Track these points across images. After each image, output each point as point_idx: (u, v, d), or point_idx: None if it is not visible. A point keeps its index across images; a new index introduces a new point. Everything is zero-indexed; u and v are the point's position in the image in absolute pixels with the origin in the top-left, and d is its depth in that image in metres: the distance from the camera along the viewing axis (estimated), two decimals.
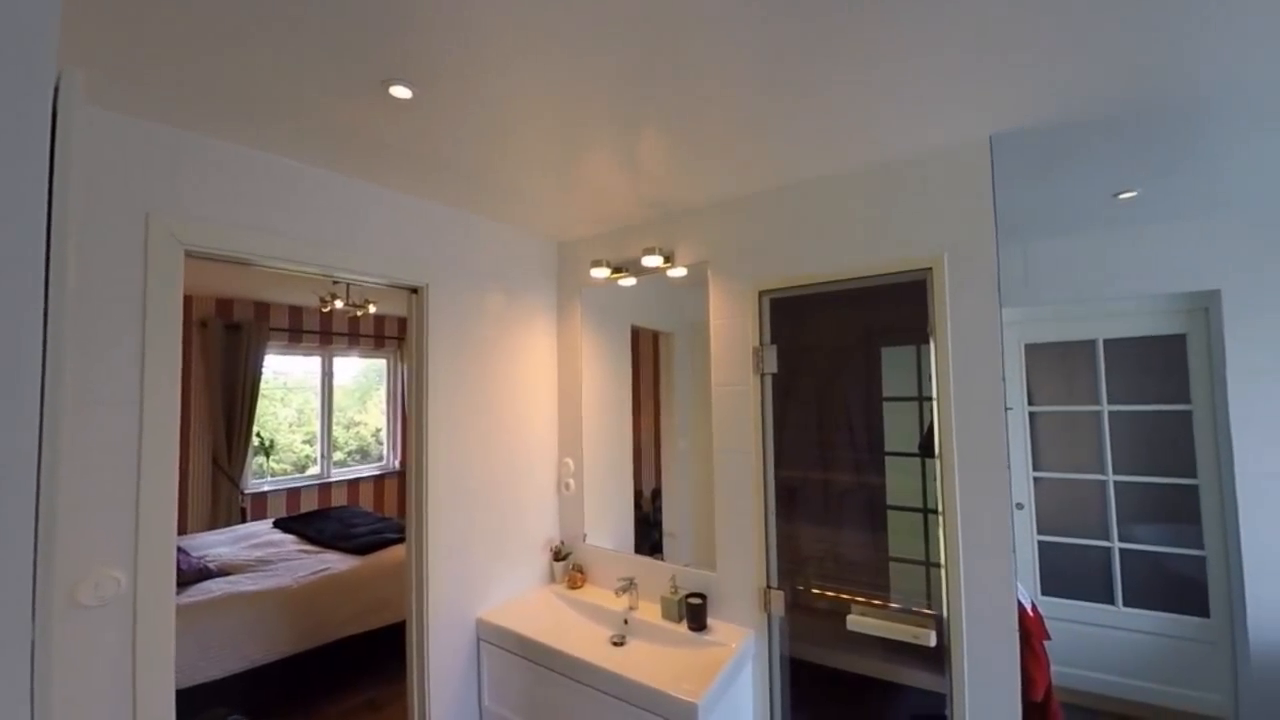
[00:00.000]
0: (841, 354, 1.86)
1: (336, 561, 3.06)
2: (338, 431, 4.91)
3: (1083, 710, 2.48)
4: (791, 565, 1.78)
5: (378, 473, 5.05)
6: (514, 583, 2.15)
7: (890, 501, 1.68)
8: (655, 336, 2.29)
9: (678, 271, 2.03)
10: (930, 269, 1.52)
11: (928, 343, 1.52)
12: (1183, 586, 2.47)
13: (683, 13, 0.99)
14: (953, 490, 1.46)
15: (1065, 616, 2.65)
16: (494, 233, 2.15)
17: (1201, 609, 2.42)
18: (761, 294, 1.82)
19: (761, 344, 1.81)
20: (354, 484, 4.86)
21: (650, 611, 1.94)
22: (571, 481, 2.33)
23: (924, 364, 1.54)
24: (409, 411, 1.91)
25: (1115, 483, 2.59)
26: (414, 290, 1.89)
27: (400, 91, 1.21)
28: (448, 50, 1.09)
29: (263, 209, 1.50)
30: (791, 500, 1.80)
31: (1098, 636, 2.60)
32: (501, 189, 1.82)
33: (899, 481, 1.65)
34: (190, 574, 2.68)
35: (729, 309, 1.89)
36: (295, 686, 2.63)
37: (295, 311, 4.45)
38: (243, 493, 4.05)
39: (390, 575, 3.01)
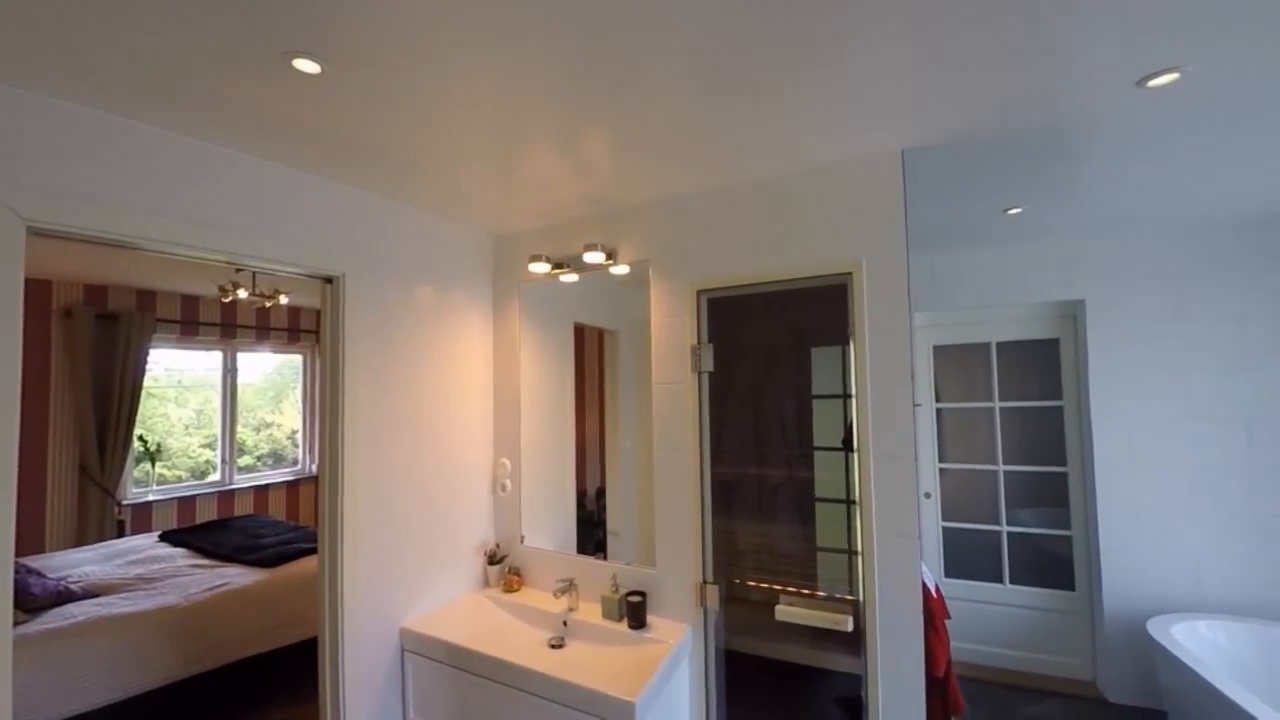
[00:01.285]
0: (775, 353, 1.95)
1: (238, 576, 2.79)
2: (245, 434, 4.46)
3: (975, 682, 2.75)
4: (727, 560, 1.84)
5: (292, 478, 4.64)
6: (444, 589, 2.06)
7: (819, 494, 1.78)
8: (600, 334, 2.28)
9: (620, 269, 2.03)
10: (851, 274, 1.62)
11: (849, 343, 1.63)
12: (1055, 564, 2.82)
13: (624, 10, 0.99)
14: (868, 481, 1.57)
15: (963, 596, 2.94)
16: (423, 223, 2.04)
17: (1069, 583, 2.77)
18: (699, 293, 1.87)
19: (699, 343, 1.85)
20: (262, 491, 4.43)
21: (591, 612, 1.93)
22: (508, 482, 2.27)
23: (847, 363, 1.64)
24: (323, 411, 1.77)
25: (1004, 472, 2.91)
26: (329, 280, 1.76)
27: (306, 65, 1.12)
28: (359, 24, 1.01)
29: (139, 186, 1.33)
30: (728, 496, 1.86)
31: (988, 613, 2.91)
32: (432, 178, 1.74)
33: (826, 475, 1.75)
34: (45, 598, 2.34)
35: (669, 308, 1.92)
36: (189, 713, 2.37)
37: (189, 301, 3.98)
38: (119, 504, 3.56)
39: (303, 588, 2.79)
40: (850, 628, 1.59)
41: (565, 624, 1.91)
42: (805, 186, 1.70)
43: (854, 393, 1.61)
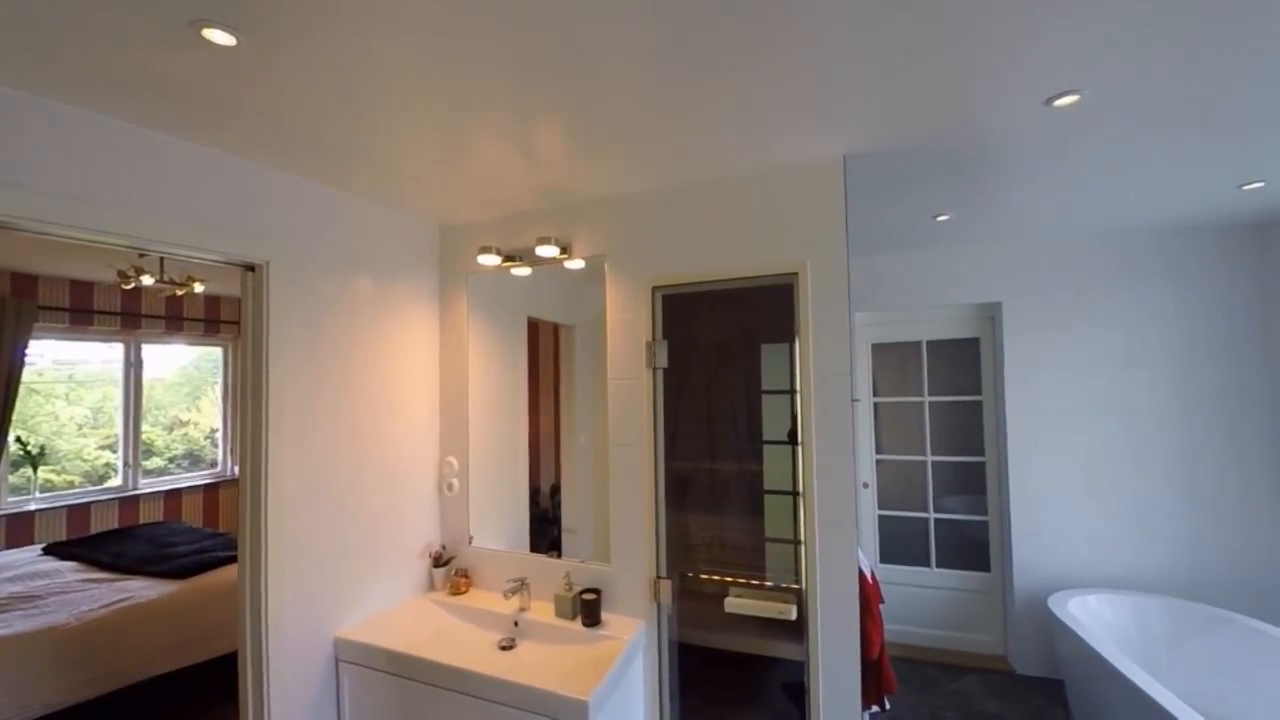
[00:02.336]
0: (727, 350, 1.99)
1: (144, 589, 2.54)
2: (155, 434, 4.04)
3: (905, 661, 2.94)
4: (681, 554, 1.87)
5: (210, 480, 4.25)
6: (384, 595, 1.96)
7: (768, 486, 1.84)
8: (555, 329, 2.24)
9: (575, 263, 2.00)
10: (796, 274, 1.68)
11: (795, 341, 1.69)
12: (974, 547, 3.07)
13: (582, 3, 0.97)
14: (811, 473, 1.64)
15: (896, 580, 3.14)
16: (361, 210, 1.92)
17: (985, 565, 3.03)
18: (655, 289, 1.87)
19: (654, 339, 1.86)
20: (174, 495, 4.03)
21: (544, 611, 1.90)
22: (455, 481, 2.19)
23: (793, 360, 1.70)
24: (243, 407, 1.64)
25: (932, 462, 3.13)
26: (250, 268, 1.63)
27: (218, 36, 1.03)
28: None
29: (10, 159, 1.17)
30: (682, 490, 1.89)
31: (917, 595, 3.13)
32: (370, 164, 1.64)
33: (775, 468, 1.81)
34: None
35: (624, 303, 1.91)
36: None
37: (81, 287, 3.55)
38: None
39: (223, 598, 2.58)
40: (794, 616, 1.66)
41: (516, 624, 1.87)
42: (756, 187, 1.74)
43: (798, 388, 1.66)
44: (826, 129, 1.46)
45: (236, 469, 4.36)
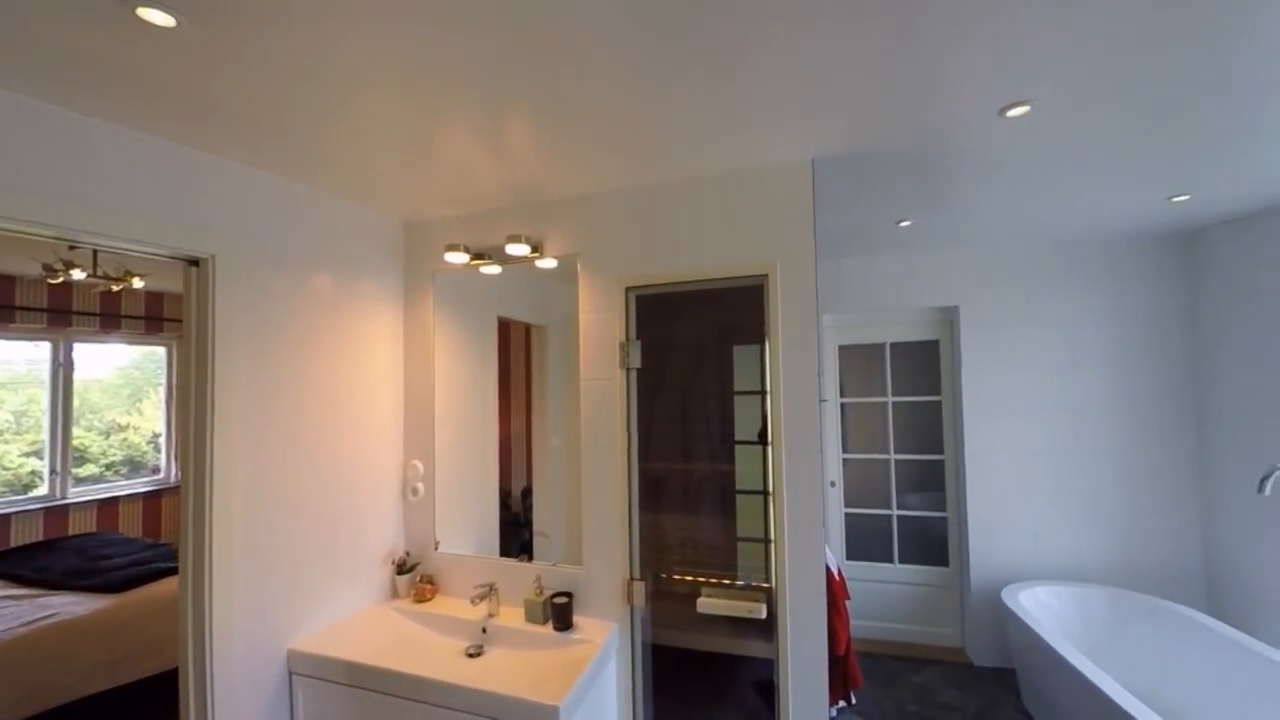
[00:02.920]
0: (701, 351, 2.00)
1: (71, 604, 2.37)
2: (90, 439, 3.75)
3: (869, 656, 3.01)
4: (654, 555, 1.86)
5: (152, 488, 3.98)
6: (343, 604, 1.88)
7: (740, 486, 1.85)
8: (527, 329, 2.20)
9: (547, 263, 1.97)
10: (767, 275, 1.70)
11: (765, 342, 1.71)
12: (934, 543, 3.18)
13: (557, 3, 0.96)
14: (780, 473, 1.66)
15: (861, 576, 3.23)
16: (318, 204, 1.84)
17: (944, 560, 3.14)
18: (628, 290, 1.86)
19: (627, 339, 1.85)
20: (110, 505, 3.75)
21: (513, 616, 1.86)
22: (420, 486, 2.11)
23: (764, 361, 1.73)
24: (185, 411, 1.54)
25: (895, 461, 3.24)
26: (194, 262, 1.54)
27: (155, 16, 0.96)
28: None
29: None
30: (655, 491, 1.88)
31: (881, 591, 3.21)
32: (329, 156, 1.58)
33: (746, 468, 1.83)
34: None
35: (597, 304, 1.89)
36: None
37: (2, 282, 3.26)
38: None
39: (163, 613, 2.44)
40: (764, 615, 1.67)
41: (484, 631, 1.82)
42: (728, 188, 1.75)
43: (769, 389, 1.69)
44: (796, 132, 1.49)
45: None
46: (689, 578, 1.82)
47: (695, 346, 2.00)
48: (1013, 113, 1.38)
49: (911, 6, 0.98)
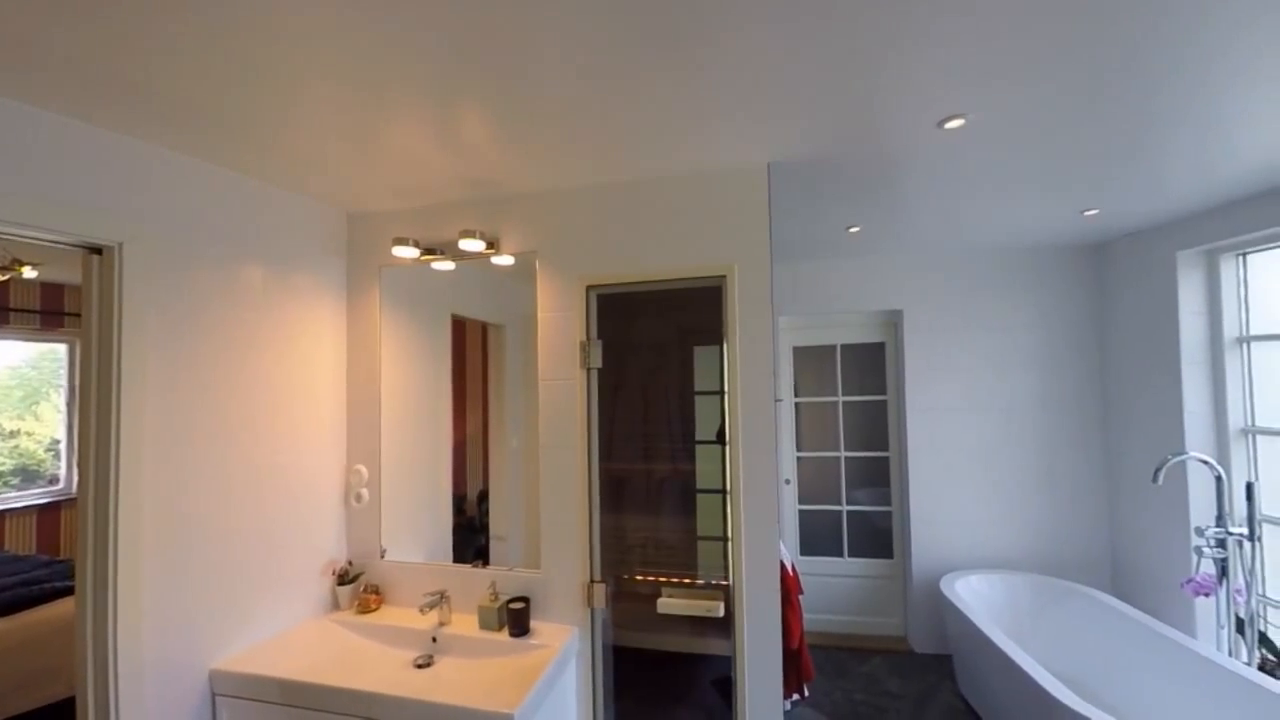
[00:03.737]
0: (662, 351, 2.00)
1: None
2: None
3: (820, 649, 3.11)
4: (616, 556, 1.84)
5: (49, 500, 3.56)
6: (276, 618, 1.75)
7: (700, 486, 1.86)
8: (484, 328, 2.12)
9: (504, 259, 1.91)
10: (725, 276, 1.72)
11: (724, 343, 1.73)
12: (880, 536, 3.33)
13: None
14: (738, 471, 1.68)
15: (814, 571, 3.33)
16: (248, 190, 1.71)
17: (889, 552, 3.30)
18: (589, 288, 1.84)
19: (588, 339, 1.82)
20: None
21: (466, 624, 1.79)
22: (365, 492, 2.00)
23: (723, 362, 1.74)
24: (85, 414, 1.39)
25: (845, 458, 3.37)
26: (96, 251, 1.38)
27: None
28: None
29: None
30: (617, 492, 1.86)
31: (832, 584, 3.33)
32: (260, 139, 1.46)
33: (706, 467, 1.84)
34: None
35: (557, 302, 1.86)
36: None
37: None
38: None
39: (62, 636, 2.20)
40: (721, 613, 1.69)
41: (434, 640, 1.74)
42: (689, 190, 1.76)
43: (727, 389, 1.71)
44: (753, 136, 1.51)
45: None
46: (651, 578, 1.81)
47: (657, 347, 2.00)
48: (950, 125, 1.45)
49: (859, 20, 1.01)
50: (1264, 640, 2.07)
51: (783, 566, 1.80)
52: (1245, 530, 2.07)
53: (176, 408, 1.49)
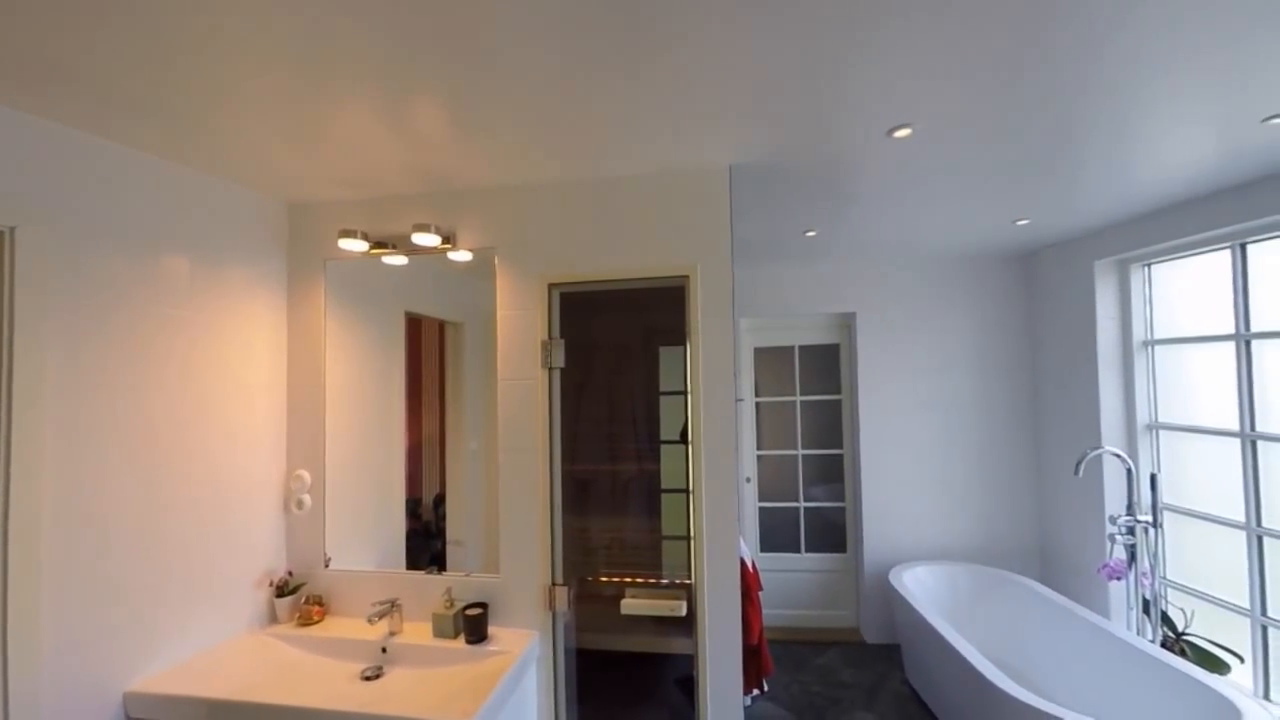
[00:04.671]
0: (627, 351, 1.99)
1: None
2: None
3: (780, 643, 3.18)
4: (579, 558, 1.81)
5: None
6: (205, 634, 1.62)
7: (665, 485, 1.86)
8: (441, 326, 2.04)
9: (461, 255, 1.85)
10: (688, 277, 1.73)
11: (686, 343, 1.74)
12: (835, 531, 3.45)
13: None
14: (700, 470, 1.69)
15: (773, 567, 3.40)
16: (171, 176, 1.57)
17: (843, 546, 3.42)
18: (551, 286, 1.81)
19: (550, 338, 1.79)
20: None
21: (420, 633, 1.71)
22: (307, 498, 1.88)
23: (686, 362, 1.76)
24: None
25: (802, 456, 3.47)
26: None
27: None
28: None
29: None
30: (581, 493, 1.84)
31: (790, 579, 3.41)
32: (185, 123, 1.35)
33: (671, 467, 1.84)
34: None
35: (517, 300, 1.82)
36: None
37: None
38: None
39: None
40: (684, 612, 1.69)
41: (384, 651, 1.65)
42: (652, 189, 1.76)
43: (689, 389, 1.72)
44: (714, 137, 1.52)
45: None
46: (615, 579, 1.79)
47: (623, 347, 1.99)
48: (898, 134, 1.51)
49: (812, 30, 1.04)
50: (1165, 619, 2.28)
51: (743, 564, 1.83)
52: (1150, 518, 2.28)
53: (86, 410, 1.35)
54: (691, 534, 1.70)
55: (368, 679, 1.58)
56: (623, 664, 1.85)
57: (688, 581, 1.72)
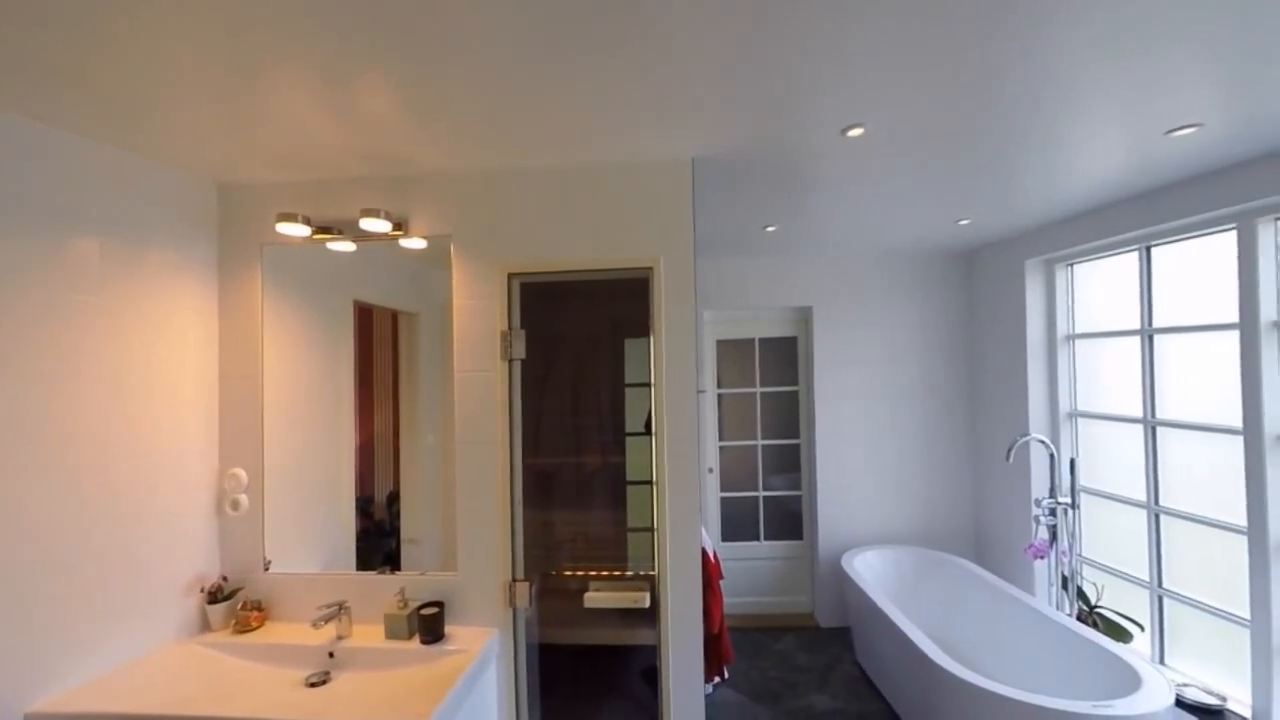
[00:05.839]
0: (593, 343, 1.97)
1: None
2: None
3: (740, 631, 3.24)
4: (542, 552, 1.78)
5: None
6: (125, 646, 1.50)
7: (630, 477, 1.86)
8: (395, 316, 1.95)
9: (414, 242, 1.78)
10: (651, 269, 1.72)
11: (650, 335, 1.74)
12: (792, 519, 3.55)
13: None
14: (662, 461, 1.70)
15: (735, 556, 3.47)
16: (71, 151, 1.41)
17: (799, 534, 3.53)
18: (511, 276, 1.76)
19: (510, 328, 1.74)
20: None
21: (371, 635, 1.64)
22: (243, 498, 1.76)
23: (650, 354, 1.76)
24: None
25: (762, 446, 3.55)
26: None
27: None
28: None
29: None
30: (544, 486, 1.80)
31: (750, 567, 3.49)
32: (91, 92, 1.22)
33: (636, 459, 1.84)
34: None
35: (475, 290, 1.76)
36: None
37: None
38: None
39: None
40: (647, 603, 1.70)
41: (332, 655, 1.57)
42: (616, 179, 1.74)
43: (652, 381, 1.72)
44: (678, 128, 1.51)
45: None
46: (580, 572, 1.77)
47: (588, 338, 1.96)
48: (852, 133, 1.55)
49: (769, 27, 1.05)
50: (1080, 594, 2.49)
51: (704, 553, 1.85)
52: (1069, 500, 2.49)
53: None
54: (655, 525, 1.70)
55: (312, 685, 1.50)
56: (588, 658, 1.84)
57: (651, 573, 1.73)
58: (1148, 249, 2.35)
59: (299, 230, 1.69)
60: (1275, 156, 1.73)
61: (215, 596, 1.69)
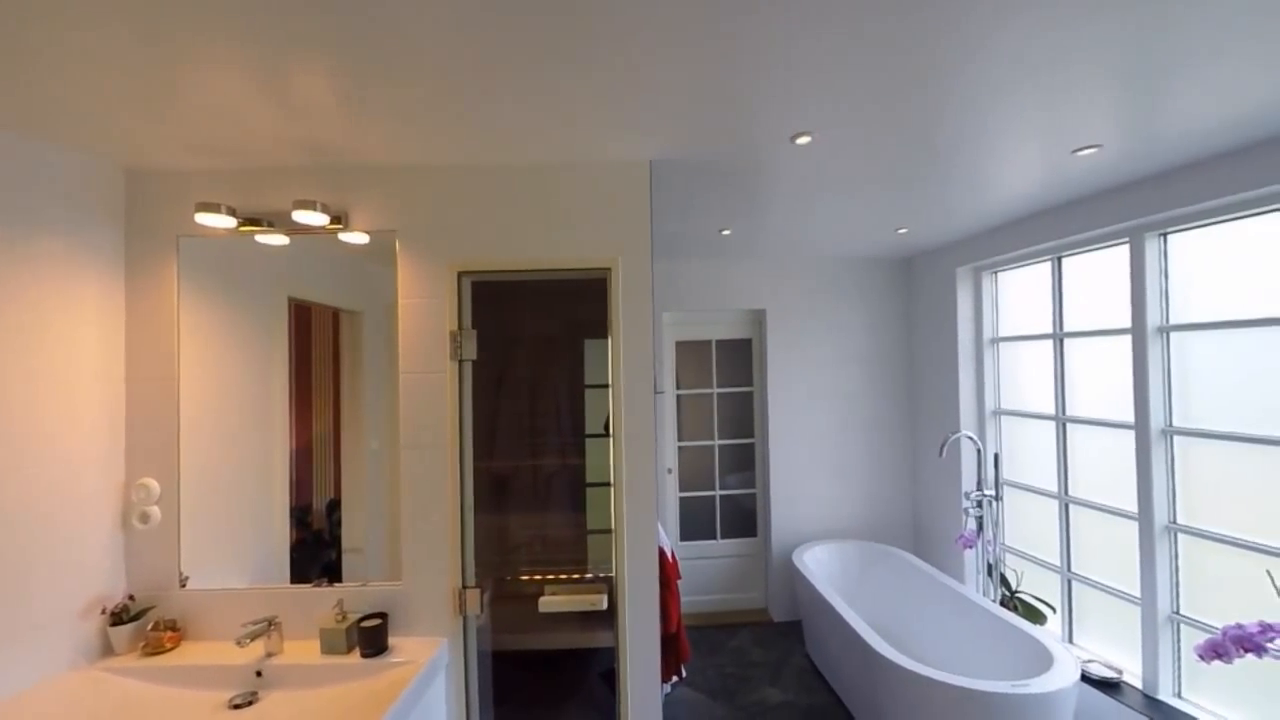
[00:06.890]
0: (551, 343, 1.93)
1: None
2: None
3: (697, 629, 3.27)
4: (497, 557, 1.72)
5: None
6: (12, 678, 1.34)
7: (589, 479, 1.83)
8: (335, 315, 1.84)
9: (355, 237, 1.69)
10: (610, 269, 1.72)
11: (609, 336, 1.74)
12: (747, 517, 3.62)
13: None
14: (620, 462, 1.69)
15: (692, 555, 3.49)
16: None
17: (753, 531, 3.61)
18: (461, 274, 1.70)
19: (461, 328, 1.69)
20: None
21: (305, 651, 1.53)
22: (154, 510, 1.60)
23: (609, 354, 1.75)
24: None
25: (719, 446, 3.61)
26: None
27: None
28: None
29: None
30: (499, 490, 1.75)
31: (706, 565, 3.53)
32: None
33: (595, 460, 1.82)
34: None
35: (422, 288, 1.69)
36: None
37: None
38: None
39: None
40: (605, 606, 1.68)
41: (259, 675, 1.46)
42: (574, 178, 1.72)
43: (611, 382, 1.71)
44: (635, 130, 1.51)
45: None
46: (538, 577, 1.73)
47: (545, 339, 1.93)
48: (800, 140, 1.60)
49: (721, 35, 1.07)
50: (1003, 580, 2.69)
51: (661, 553, 1.86)
52: (994, 492, 2.68)
53: None
54: (614, 527, 1.69)
55: (237, 707, 1.39)
56: (547, 662, 1.80)
57: (610, 575, 1.71)
58: (1059, 259, 2.58)
59: (222, 221, 1.57)
60: (1159, 178, 1.94)
61: (120, 618, 1.52)
